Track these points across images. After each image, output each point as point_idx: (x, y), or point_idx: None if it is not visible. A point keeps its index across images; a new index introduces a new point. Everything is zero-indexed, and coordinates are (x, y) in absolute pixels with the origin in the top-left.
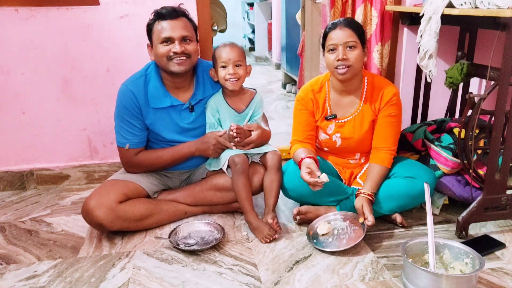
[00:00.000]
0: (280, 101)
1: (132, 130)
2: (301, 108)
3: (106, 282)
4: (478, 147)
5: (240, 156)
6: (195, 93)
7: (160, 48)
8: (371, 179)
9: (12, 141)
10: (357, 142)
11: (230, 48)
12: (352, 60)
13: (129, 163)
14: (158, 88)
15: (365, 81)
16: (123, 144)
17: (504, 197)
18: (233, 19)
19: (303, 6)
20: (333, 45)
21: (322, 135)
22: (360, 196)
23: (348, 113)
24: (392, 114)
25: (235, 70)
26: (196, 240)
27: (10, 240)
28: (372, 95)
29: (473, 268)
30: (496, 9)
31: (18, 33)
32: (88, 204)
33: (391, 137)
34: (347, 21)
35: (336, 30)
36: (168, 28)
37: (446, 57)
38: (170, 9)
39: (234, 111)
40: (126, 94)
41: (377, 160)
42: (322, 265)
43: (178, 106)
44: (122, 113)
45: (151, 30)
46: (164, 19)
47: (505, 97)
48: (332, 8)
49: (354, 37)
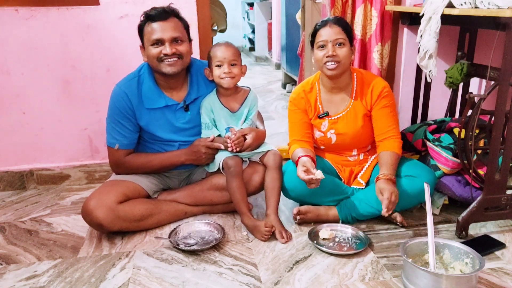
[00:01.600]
0: (280, 101)
1: (122, 131)
2: (294, 108)
3: (106, 282)
4: (478, 147)
5: (233, 158)
6: (189, 92)
7: (151, 50)
8: (385, 164)
9: (12, 141)
10: (352, 137)
11: (225, 47)
12: (341, 57)
13: (116, 164)
14: (152, 89)
15: (355, 77)
16: (113, 145)
17: (504, 197)
18: (233, 19)
19: (303, 6)
20: (323, 41)
21: (317, 133)
22: (378, 181)
23: (340, 109)
24: (387, 105)
25: (230, 69)
26: (196, 240)
27: (10, 240)
28: (362, 90)
29: (473, 268)
30: (496, 9)
31: (18, 33)
32: (88, 205)
33: (391, 125)
34: (336, 19)
35: (326, 27)
36: (158, 30)
37: (446, 57)
38: (160, 10)
39: (228, 111)
40: (119, 95)
41: (386, 148)
42: (322, 265)
43: (172, 106)
44: (114, 114)
45: (142, 32)
46: (154, 20)
47: (505, 97)
48: (332, 8)
49: (343, 34)
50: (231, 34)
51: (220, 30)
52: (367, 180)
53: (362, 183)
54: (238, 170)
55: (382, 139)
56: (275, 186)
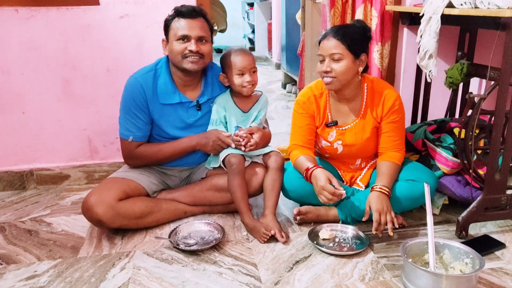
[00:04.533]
0: (280, 101)
1: (137, 123)
2: (302, 112)
3: (106, 282)
4: (478, 147)
5: (236, 156)
6: (203, 92)
7: (176, 45)
8: (382, 174)
9: (12, 141)
10: (359, 149)
11: (244, 55)
12: (335, 72)
13: (130, 155)
14: (167, 84)
15: (365, 88)
16: (127, 137)
17: (504, 197)
18: (233, 19)
19: (303, 6)
20: (321, 55)
21: (323, 142)
22: (371, 193)
23: (348, 120)
24: (396, 120)
25: (252, 77)
26: (196, 240)
27: (10, 240)
28: (373, 102)
29: (473, 268)
30: (496, 9)
31: (18, 33)
32: (88, 201)
33: (397, 140)
34: (335, 31)
35: (325, 40)
36: (186, 27)
37: (446, 57)
38: (190, 8)
39: (240, 111)
40: (135, 87)
41: (386, 158)
42: (322, 265)
43: (186, 104)
44: (129, 104)
45: (169, 26)
46: (184, 17)
47: (505, 97)
48: (332, 8)
49: (340, 48)
50: (231, 34)
51: (220, 30)
52: (366, 183)
53: (362, 186)
54: (241, 168)
55: (383, 152)
56: (274, 186)
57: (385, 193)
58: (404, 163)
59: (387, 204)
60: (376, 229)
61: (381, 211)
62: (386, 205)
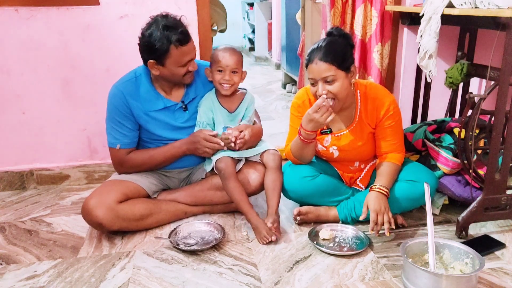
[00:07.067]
0: (280, 101)
1: (122, 131)
2: (298, 114)
3: (106, 282)
4: (478, 147)
5: (223, 161)
6: (187, 92)
7: (179, 69)
8: (381, 174)
9: (12, 141)
10: (356, 154)
11: (230, 54)
12: (334, 93)
13: (120, 163)
14: (149, 92)
15: (358, 95)
16: (114, 145)
17: (504, 197)
18: (233, 19)
19: (303, 6)
20: (312, 79)
21: (319, 146)
22: (370, 192)
23: (343, 127)
24: (391, 125)
25: (231, 77)
26: (196, 240)
27: (10, 240)
28: (367, 108)
29: (473, 268)
30: (496, 9)
31: (18, 33)
32: (88, 204)
33: (396, 143)
34: (323, 54)
35: (312, 64)
36: (187, 52)
37: (446, 57)
38: (184, 32)
39: (226, 111)
40: (116, 95)
41: (385, 159)
42: (322, 265)
43: (171, 107)
44: (113, 113)
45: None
46: (181, 44)
47: (505, 97)
48: (332, 8)
49: (331, 70)
50: (231, 34)
51: (220, 30)
52: (366, 183)
53: (362, 187)
54: (230, 171)
55: (382, 155)
56: (275, 186)
57: (384, 193)
58: (404, 163)
59: (385, 204)
60: (372, 228)
61: (378, 211)
62: (384, 205)
